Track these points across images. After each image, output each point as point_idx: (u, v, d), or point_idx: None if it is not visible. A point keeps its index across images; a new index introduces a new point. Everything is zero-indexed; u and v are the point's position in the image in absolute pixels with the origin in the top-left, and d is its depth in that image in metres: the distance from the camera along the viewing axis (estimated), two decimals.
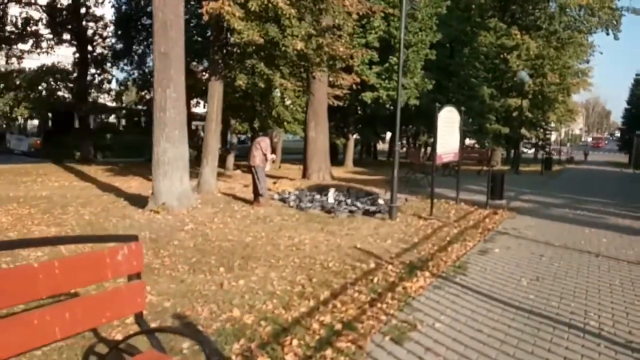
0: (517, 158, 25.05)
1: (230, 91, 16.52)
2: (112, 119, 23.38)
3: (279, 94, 17.52)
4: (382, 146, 50.91)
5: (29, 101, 16.98)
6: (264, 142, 9.44)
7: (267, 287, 4.78)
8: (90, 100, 21.06)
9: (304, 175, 15.09)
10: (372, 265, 5.72)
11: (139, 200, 9.04)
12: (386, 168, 21.31)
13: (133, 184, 12.89)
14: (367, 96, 21.15)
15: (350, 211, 9.26)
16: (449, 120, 9.77)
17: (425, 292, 4.83)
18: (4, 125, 21.96)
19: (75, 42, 19.27)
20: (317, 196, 10.69)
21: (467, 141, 36.77)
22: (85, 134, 20.03)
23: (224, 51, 10.24)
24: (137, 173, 15.25)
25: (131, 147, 20.53)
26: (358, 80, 12.06)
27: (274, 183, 13.41)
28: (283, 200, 10.12)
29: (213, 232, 6.95)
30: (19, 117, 17.45)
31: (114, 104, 23.32)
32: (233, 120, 17.41)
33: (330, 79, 12.12)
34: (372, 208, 9.49)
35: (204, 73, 16.63)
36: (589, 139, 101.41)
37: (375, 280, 5.12)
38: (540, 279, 5.45)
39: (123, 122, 24.05)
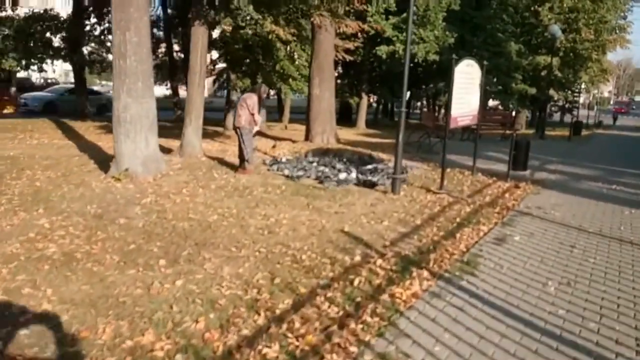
0: (542, 122, 23.25)
1: (229, 41, 15.20)
2: None
3: (283, 47, 16.05)
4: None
5: (17, 52, 15.83)
6: (250, 100, 8.17)
7: (212, 291, 3.66)
8: (87, 51, 19.83)
9: (307, 137, 13.82)
10: (358, 257, 4.55)
11: (110, 164, 7.93)
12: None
13: None
14: (382, 50, 19.51)
15: (345, 181, 8.04)
16: (467, 77, 8.33)
17: (419, 302, 3.66)
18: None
19: None
20: (314, 163, 9.46)
21: (490, 102, 34.87)
22: (82, 88, 18.92)
23: None
24: None
25: None
26: (365, 27, 10.52)
27: (273, 146, 12.19)
28: (273, 166, 8.93)
29: (174, 208, 5.83)
30: (8, 68, 16.33)
31: None
32: (233, 75, 16.06)
33: (340, 29, 10.62)
34: (373, 178, 8.24)
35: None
36: (611, 104, 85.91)
37: (357, 282, 3.95)
38: (572, 283, 4.22)
39: None
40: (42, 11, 17.56)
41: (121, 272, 3.89)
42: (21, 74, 39.18)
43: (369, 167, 9.32)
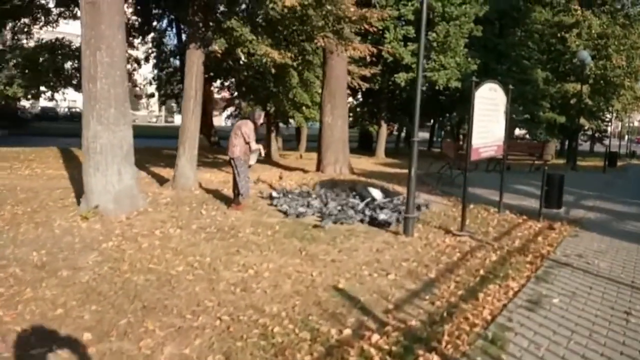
0: (574, 152, 21.87)
1: (240, 69, 14.55)
2: None
3: (296, 74, 15.33)
4: (422, 134, 48.01)
5: (23, 79, 15.48)
6: (246, 127, 7.30)
7: None
8: None
9: (318, 167, 12.89)
10: (349, 330, 3.50)
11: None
12: (423, 159, 18.85)
13: None
14: (401, 77, 18.65)
15: (350, 218, 7.03)
16: (490, 102, 7.32)
17: None
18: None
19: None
20: (319, 197, 8.48)
21: (517, 131, 33.57)
22: None
23: (203, 8, 8.08)
24: (144, 160, 13.56)
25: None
26: (374, 50, 9.65)
27: (279, 177, 11.28)
28: (273, 201, 7.98)
29: (136, 255, 4.89)
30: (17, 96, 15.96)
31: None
32: (244, 104, 15.36)
33: (347, 52, 9.77)
34: (383, 217, 7.20)
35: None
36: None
37: None
38: None
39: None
40: (53, 40, 17.31)
41: (24, 351, 2.93)
42: (46, 104, 39.77)
43: (384, 200, 8.29)
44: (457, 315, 3.87)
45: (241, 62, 13.75)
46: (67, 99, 30.41)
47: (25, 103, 35.96)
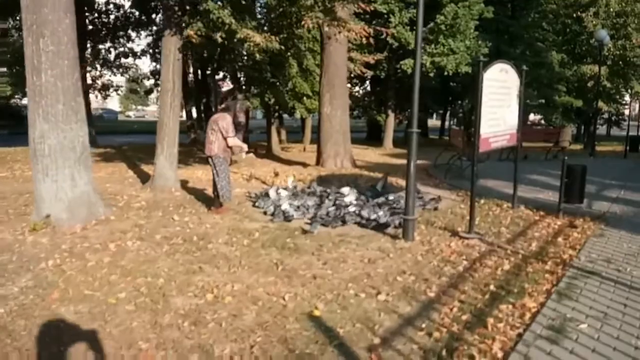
0: (592, 137, 20.70)
1: (235, 58, 13.73)
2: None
3: (295, 62, 14.48)
4: (434, 122, 46.87)
5: (11, 76, 14.88)
6: (223, 121, 6.51)
7: None
8: (92, 75, 18.83)
9: (318, 161, 12.08)
10: None
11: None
12: (434, 148, 17.94)
13: (100, 175, 10.41)
14: (408, 64, 17.64)
15: (342, 221, 6.24)
16: (501, 85, 6.42)
17: None
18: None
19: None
20: (314, 195, 7.67)
21: (531, 117, 32.34)
22: (86, 114, 17.83)
23: None
24: (135, 158, 12.90)
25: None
26: (370, 32, 8.72)
27: (275, 174, 10.49)
28: (259, 202, 7.19)
29: (76, 277, 4.13)
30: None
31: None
32: (240, 95, 14.51)
33: (342, 35, 8.86)
34: (383, 217, 6.37)
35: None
36: None
37: None
38: None
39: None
40: None
41: None
42: None
43: (383, 199, 7.46)
44: (459, 353, 3.04)
45: (236, 52, 12.94)
46: None
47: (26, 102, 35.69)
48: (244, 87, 14.84)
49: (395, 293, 4.03)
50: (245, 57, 13.59)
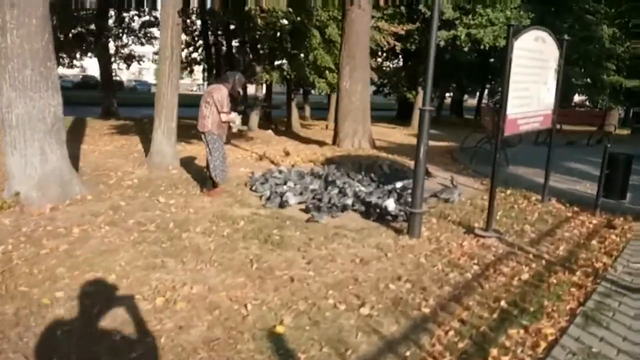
0: None
1: (252, 28, 13.02)
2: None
3: (317, 33, 13.64)
4: (473, 101, 45.00)
5: None
6: (218, 93, 5.86)
7: None
8: (115, 45, 18.48)
9: (334, 141, 11.33)
10: None
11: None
12: (469, 130, 16.86)
13: (107, 148, 10.04)
14: (441, 36, 16.47)
15: (339, 209, 5.57)
16: (536, 57, 5.51)
17: None
18: None
19: None
20: (320, 178, 7.01)
21: (576, 97, 30.36)
22: (108, 84, 17.57)
23: None
24: (150, 131, 12.50)
25: None
26: None
27: (286, 153, 9.83)
28: (256, 184, 6.57)
29: (21, 267, 3.62)
30: None
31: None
32: (259, 68, 13.85)
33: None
34: (391, 206, 5.65)
35: None
36: None
37: None
38: None
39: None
40: None
41: None
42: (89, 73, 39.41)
43: (393, 186, 6.72)
44: None
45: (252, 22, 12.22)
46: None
47: (65, 71, 36.02)
48: (262, 58, 14.10)
49: (383, 306, 3.35)
50: (265, 26, 12.84)
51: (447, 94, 32.20)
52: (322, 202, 5.91)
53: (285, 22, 12.65)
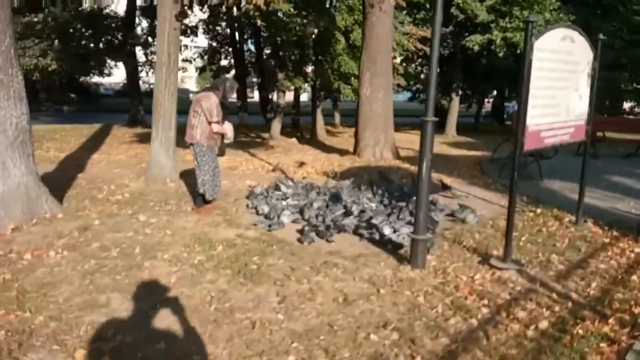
0: None
1: (274, 32, 12.59)
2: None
3: (342, 38, 13.08)
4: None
5: (55, 51, 14.71)
6: (207, 101, 5.38)
7: None
8: (145, 52, 18.48)
9: (355, 150, 10.71)
10: None
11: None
12: (499, 138, 15.86)
13: (119, 157, 9.77)
14: (475, 40, 15.60)
15: (342, 229, 4.96)
16: (564, 59, 4.74)
17: None
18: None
19: None
20: (327, 194, 6.41)
21: (625, 105, 28.45)
22: (135, 92, 17.55)
23: None
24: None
25: None
26: None
27: (300, 164, 9.28)
28: (255, 201, 6.03)
29: None
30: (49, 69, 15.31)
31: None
32: (281, 75, 13.39)
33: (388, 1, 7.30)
34: (387, 231, 4.99)
35: None
36: None
37: None
38: None
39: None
40: (94, 7, 16.36)
41: None
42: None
43: (405, 203, 6.03)
44: None
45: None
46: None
47: (105, 80, 36.96)
48: (285, 65, 13.64)
49: None
50: (288, 32, 12.38)
51: (486, 100, 30.91)
52: (322, 222, 5.32)
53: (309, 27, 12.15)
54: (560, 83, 4.78)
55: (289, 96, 18.10)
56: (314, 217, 5.48)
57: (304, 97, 18.47)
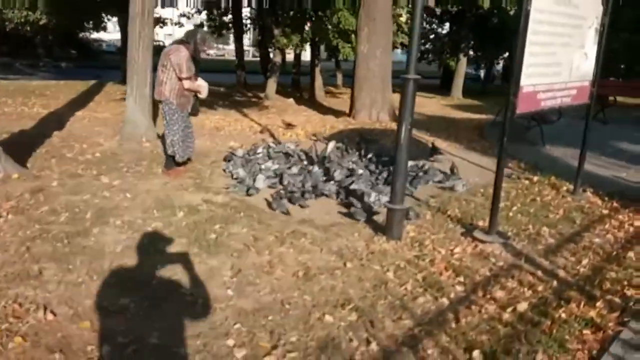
0: None
1: None
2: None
3: None
4: None
5: (44, 4, 14.11)
6: (176, 55, 4.95)
7: None
8: None
9: (350, 112, 10.24)
10: None
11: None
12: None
13: (104, 115, 9.40)
14: None
15: (320, 195, 4.62)
16: (567, 14, 4.23)
17: None
18: None
19: None
20: (305, 159, 6.04)
21: None
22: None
23: None
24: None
25: None
26: None
27: (287, 125, 8.85)
28: (231, 164, 5.68)
29: None
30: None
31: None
32: (277, 30, 12.77)
33: None
34: (372, 197, 4.64)
35: None
36: None
37: None
38: None
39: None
40: None
41: None
42: None
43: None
44: None
45: None
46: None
47: (107, 36, 36.12)
48: (281, 21, 12.99)
49: (298, 355, 2.41)
50: None
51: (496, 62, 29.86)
52: (301, 187, 4.98)
53: None
54: (562, 39, 4.29)
55: (292, 56, 17.49)
56: (292, 182, 5.13)
57: (307, 56, 17.66)
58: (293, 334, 2.56)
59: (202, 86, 5.24)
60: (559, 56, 4.31)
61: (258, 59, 21.02)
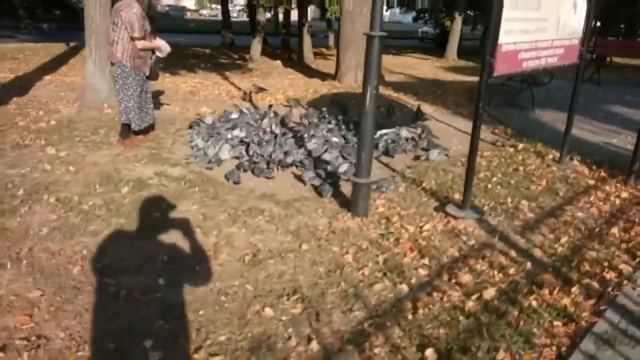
0: None
1: None
2: None
3: None
4: None
5: None
6: (127, 12, 4.48)
7: None
8: None
9: (335, 75, 9.75)
10: None
11: None
12: None
13: (75, 79, 8.90)
14: None
15: (286, 166, 4.28)
16: None
17: None
18: None
19: None
20: (276, 128, 5.64)
21: None
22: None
23: None
24: None
25: None
26: None
27: (259, 89, 8.35)
28: (195, 133, 5.29)
29: None
30: None
31: None
32: None
33: None
34: (343, 168, 4.30)
35: None
36: None
37: None
38: None
39: None
40: None
41: None
42: None
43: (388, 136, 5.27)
44: None
45: None
46: None
47: None
48: None
49: (225, 357, 2.11)
50: None
51: None
52: (268, 158, 4.62)
53: None
54: None
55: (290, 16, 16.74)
56: (259, 152, 4.76)
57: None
58: (224, 332, 2.26)
59: (159, 45, 4.80)
60: (543, 11, 3.87)
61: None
